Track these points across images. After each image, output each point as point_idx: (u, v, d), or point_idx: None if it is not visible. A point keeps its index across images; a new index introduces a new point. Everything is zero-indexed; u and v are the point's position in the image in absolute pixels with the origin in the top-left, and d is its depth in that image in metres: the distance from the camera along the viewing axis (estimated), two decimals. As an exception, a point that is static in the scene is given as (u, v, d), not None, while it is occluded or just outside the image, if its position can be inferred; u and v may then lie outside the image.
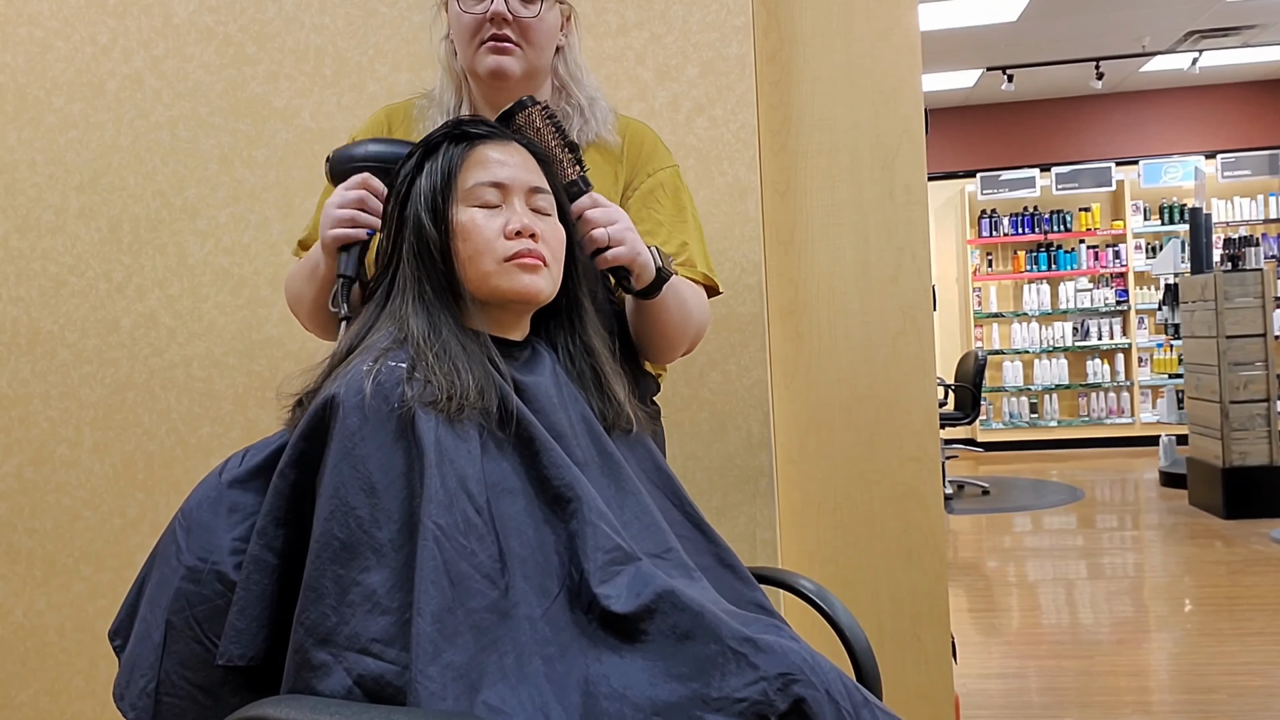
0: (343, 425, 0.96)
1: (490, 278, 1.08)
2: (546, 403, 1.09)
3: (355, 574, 0.91)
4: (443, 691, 0.86)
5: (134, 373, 2.00)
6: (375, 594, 0.91)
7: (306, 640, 0.91)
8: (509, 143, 1.16)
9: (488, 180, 1.11)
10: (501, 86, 1.36)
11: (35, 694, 2.03)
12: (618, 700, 0.92)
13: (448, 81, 1.42)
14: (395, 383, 0.99)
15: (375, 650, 0.90)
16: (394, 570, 0.92)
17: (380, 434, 0.97)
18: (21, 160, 2.02)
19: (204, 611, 1.00)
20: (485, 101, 1.40)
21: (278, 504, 1.00)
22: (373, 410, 0.97)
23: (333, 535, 0.93)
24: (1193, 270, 5.82)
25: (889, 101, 1.93)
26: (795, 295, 1.95)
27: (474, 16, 1.33)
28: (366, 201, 1.25)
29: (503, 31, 1.33)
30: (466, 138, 1.14)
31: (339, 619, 0.90)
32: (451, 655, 0.88)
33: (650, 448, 1.23)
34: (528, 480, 1.02)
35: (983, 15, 6.36)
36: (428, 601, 0.89)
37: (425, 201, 1.10)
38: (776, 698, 0.92)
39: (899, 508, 1.92)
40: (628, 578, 0.98)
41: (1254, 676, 3.03)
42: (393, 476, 0.95)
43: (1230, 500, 5.27)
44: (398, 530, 0.94)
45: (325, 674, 0.89)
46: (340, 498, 0.94)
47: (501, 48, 1.33)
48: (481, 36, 1.33)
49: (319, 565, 0.92)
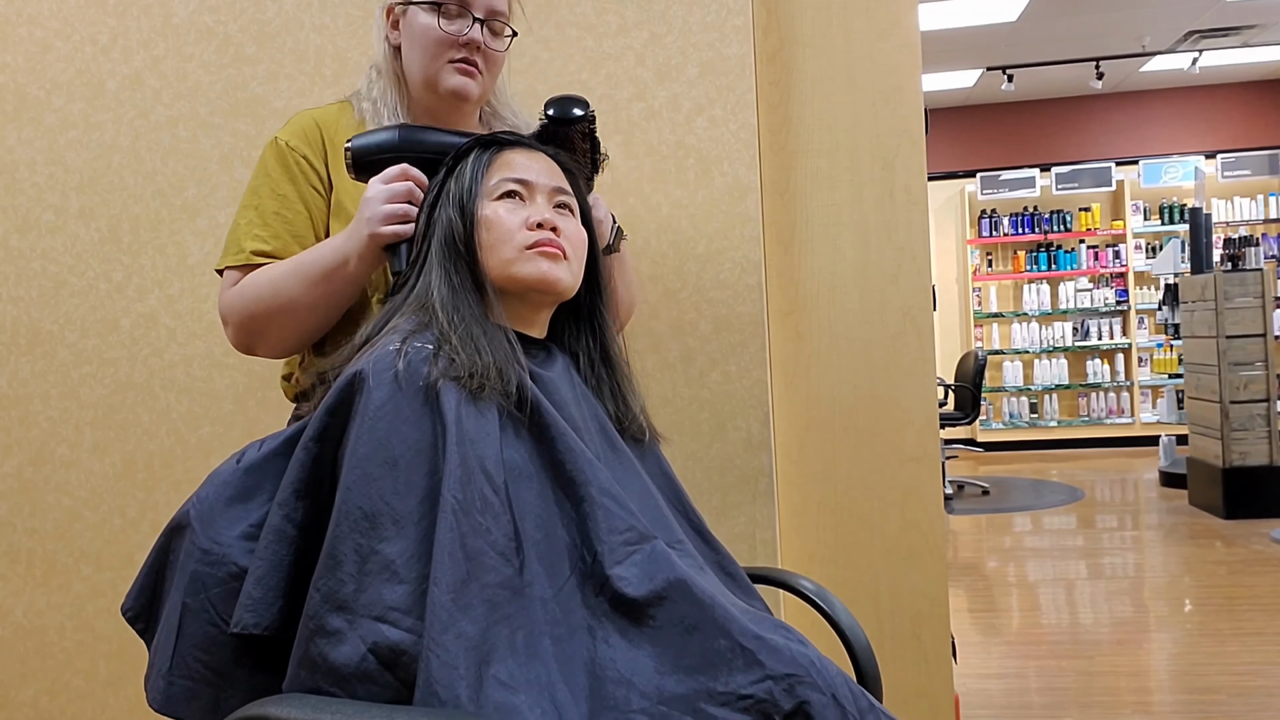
0: (368, 399, 0.98)
1: (511, 264, 1.12)
2: (560, 396, 1.11)
3: (375, 543, 0.93)
4: (455, 661, 0.87)
5: (134, 373, 2.00)
6: (393, 563, 0.92)
7: (323, 606, 0.92)
8: (536, 151, 1.21)
9: (512, 177, 1.16)
10: (458, 105, 1.42)
11: (35, 694, 2.03)
12: (624, 686, 0.93)
13: (388, 85, 1.42)
14: (422, 360, 1.01)
15: (391, 618, 0.90)
16: (413, 541, 0.93)
17: (405, 408, 0.98)
18: (21, 160, 2.02)
19: (219, 594, 1.01)
20: (425, 109, 1.42)
21: (299, 476, 1.01)
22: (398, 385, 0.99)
23: (354, 505, 0.94)
24: (1193, 270, 5.82)
25: (889, 101, 1.92)
26: (795, 295, 1.95)
27: (447, 35, 1.36)
28: (413, 194, 1.24)
29: (473, 57, 1.38)
30: (496, 143, 1.20)
31: (356, 586, 0.91)
32: (465, 626, 0.89)
33: (659, 456, 1.25)
34: (542, 465, 1.03)
35: (983, 15, 6.36)
36: (444, 572, 0.90)
37: (454, 200, 1.15)
38: (781, 698, 0.92)
39: (899, 508, 1.92)
40: (643, 557, 1.00)
41: (1254, 676, 3.03)
42: (416, 450, 0.97)
43: (1230, 500, 5.27)
44: (418, 502, 0.95)
45: (339, 640, 0.90)
46: (363, 469, 0.95)
47: (469, 70, 1.38)
48: (451, 56, 1.37)
49: (339, 533, 0.94)
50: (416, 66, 1.39)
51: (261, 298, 1.32)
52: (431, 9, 1.37)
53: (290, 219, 1.37)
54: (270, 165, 1.39)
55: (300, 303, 1.30)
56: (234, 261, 1.36)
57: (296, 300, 1.30)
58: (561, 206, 1.19)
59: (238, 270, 1.36)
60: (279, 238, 1.36)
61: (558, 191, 1.19)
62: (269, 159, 1.40)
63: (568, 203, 1.20)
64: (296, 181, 1.38)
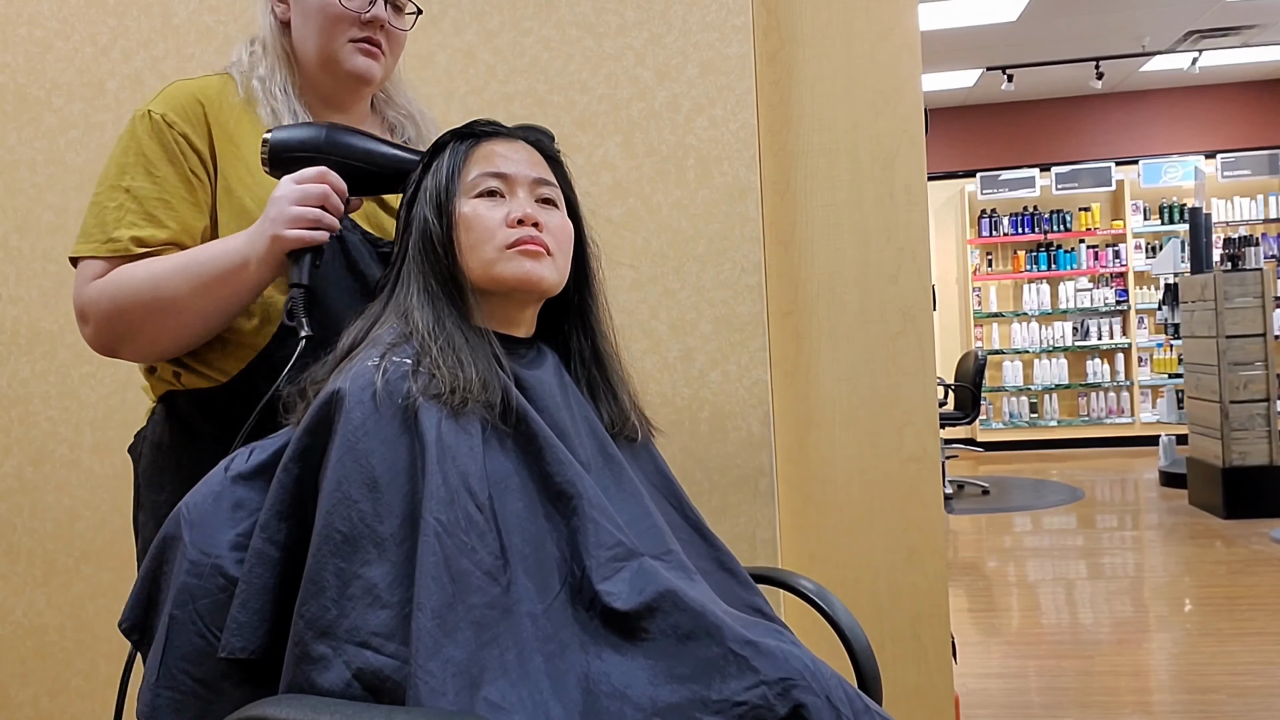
0: (347, 419, 0.96)
1: (492, 265, 1.08)
2: (549, 401, 1.09)
3: (356, 568, 0.91)
4: (443, 687, 0.86)
5: (134, 372, 1.99)
6: (376, 588, 0.91)
7: (306, 633, 0.91)
8: (516, 140, 1.16)
9: (490, 171, 1.11)
10: (357, 89, 1.32)
11: (35, 694, 2.03)
12: (618, 699, 0.92)
13: (275, 63, 1.29)
14: (400, 377, 0.99)
15: (375, 644, 0.89)
16: (395, 565, 0.92)
17: (384, 429, 0.97)
18: (21, 160, 2.02)
19: (206, 605, 0.99)
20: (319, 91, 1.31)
21: (280, 498, 1.00)
22: (375, 405, 0.97)
23: (334, 529, 0.93)
24: (1193, 270, 5.82)
25: (889, 101, 1.92)
26: (795, 295, 1.95)
27: (348, 12, 1.26)
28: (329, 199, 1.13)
29: (376, 36, 1.28)
30: (473, 135, 1.15)
31: (339, 612, 0.90)
32: (452, 651, 0.88)
33: (653, 452, 1.23)
34: (529, 477, 1.02)
35: (983, 15, 6.36)
36: (428, 597, 0.89)
37: (430, 197, 1.11)
38: (776, 702, 0.91)
39: (899, 508, 1.92)
40: (630, 574, 0.98)
41: (1254, 676, 3.03)
42: (396, 471, 0.95)
43: (1230, 500, 5.27)
44: (399, 525, 0.93)
45: (324, 667, 0.89)
46: (343, 491, 0.94)
47: (372, 51, 1.28)
48: (352, 35, 1.27)
49: (320, 558, 0.92)
50: (312, 45, 1.27)
51: (139, 295, 1.16)
52: None
53: (174, 205, 1.21)
54: (144, 143, 1.21)
55: (185, 306, 1.16)
56: (104, 251, 1.19)
57: (181, 303, 1.16)
58: (544, 199, 1.14)
59: (103, 261, 1.19)
60: (164, 227, 1.20)
61: (539, 183, 1.13)
62: (141, 134, 1.22)
63: (550, 195, 1.14)
64: (176, 163, 1.21)
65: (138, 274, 1.17)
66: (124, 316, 1.18)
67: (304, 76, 1.31)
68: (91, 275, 1.20)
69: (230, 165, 1.24)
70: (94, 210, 1.22)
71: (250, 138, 1.25)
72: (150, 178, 1.21)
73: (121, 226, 1.19)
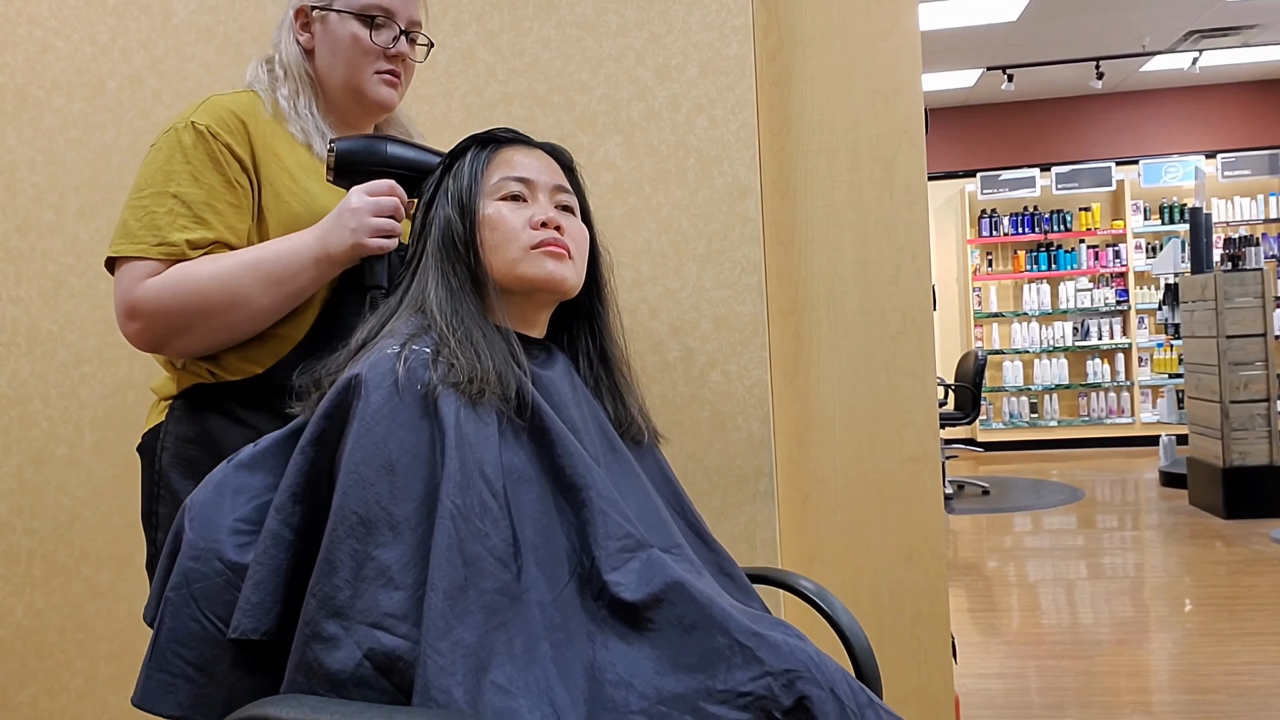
0: (365, 404, 0.98)
1: (517, 265, 1.11)
2: (561, 397, 1.11)
3: (371, 549, 0.92)
4: (451, 667, 0.87)
5: (134, 372, 2.00)
6: (389, 569, 0.92)
7: (319, 612, 0.92)
8: (535, 148, 1.20)
9: (514, 175, 1.15)
10: (379, 114, 1.45)
11: (35, 694, 2.03)
12: (623, 688, 0.93)
13: (299, 86, 1.39)
14: (421, 365, 1.01)
15: (387, 624, 0.90)
16: (410, 547, 0.93)
17: (404, 414, 0.98)
18: (21, 160, 2.02)
19: (201, 589, 1.00)
20: (339, 113, 1.43)
21: (296, 480, 1.01)
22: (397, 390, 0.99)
23: (350, 510, 0.94)
24: (1193, 270, 5.82)
25: (889, 101, 1.92)
26: (795, 295, 1.95)
27: (376, 47, 1.38)
28: (399, 211, 1.25)
29: (398, 68, 1.41)
30: (494, 140, 1.19)
31: (353, 592, 0.91)
32: (462, 633, 0.88)
33: (658, 456, 1.25)
34: (541, 469, 1.03)
35: (983, 15, 6.36)
36: (441, 578, 0.90)
37: (452, 199, 1.15)
38: (781, 694, 0.92)
39: (899, 508, 1.92)
40: (639, 565, 1.00)
41: (1254, 676, 3.03)
42: (413, 455, 0.96)
43: (1230, 500, 5.27)
44: (415, 508, 0.95)
45: (335, 647, 0.90)
46: (359, 474, 0.95)
47: (393, 81, 1.41)
48: (378, 66, 1.39)
49: (335, 539, 0.93)
50: (340, 76, 1.39)
51: (206, 291, 1.23)
52: (363, 21, 1.37)
53: (220, 209, 1.28)
54: (190, 152, 1.29)
55: (254, 302, 1.24)
56: (157, 254, 1.25)
57: (251, 299, 1.24)
58: (563, 206, 1.18)
59: (155, 262, 1.26)
60: (211, 228, 1.27)
61: (558, 190, 1.18)
62: (187, 144, 1.29)
63: (569, 202, 1.19)
64: (220, 170, 1.29)
65: (201, 272, 1.24)
66: (186, 312, 1.24)
67: (327, 99, 1.42)
68: (142, 275, 1.26)
69: (274, 173, 1.33)
70: (138, 214, 1.28)
71: (286, 149, 1.35)
72: (196, 183, 1.28)
73: (174, 230, 1.26)
